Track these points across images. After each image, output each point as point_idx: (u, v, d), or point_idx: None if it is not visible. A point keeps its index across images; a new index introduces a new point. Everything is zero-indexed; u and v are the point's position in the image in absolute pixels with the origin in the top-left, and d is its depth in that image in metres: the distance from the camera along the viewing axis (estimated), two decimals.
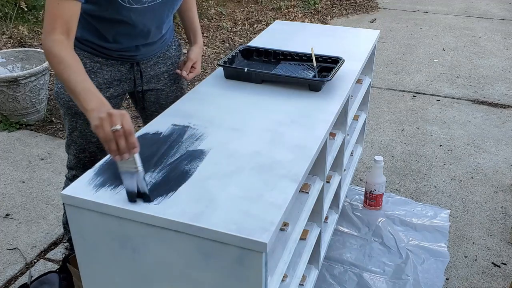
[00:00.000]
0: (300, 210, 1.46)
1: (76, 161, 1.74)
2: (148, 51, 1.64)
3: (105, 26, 1.49)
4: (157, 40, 1.64)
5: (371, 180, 2.38)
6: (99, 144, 1.70)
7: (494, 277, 2.06)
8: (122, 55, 1.59)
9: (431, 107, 3.56)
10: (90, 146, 1.70)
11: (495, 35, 5.10)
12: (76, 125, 1.65)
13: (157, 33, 1.60)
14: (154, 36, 1.60)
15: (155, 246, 1.12)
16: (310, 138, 1.39)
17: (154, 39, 1.62)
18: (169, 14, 1.58)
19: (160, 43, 1.67)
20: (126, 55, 1.59)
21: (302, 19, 5.63)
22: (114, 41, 1.54)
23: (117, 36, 1.52)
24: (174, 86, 1.79)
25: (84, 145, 1.70)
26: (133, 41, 1.56)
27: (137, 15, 1.46)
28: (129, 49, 1.58)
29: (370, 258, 2.14)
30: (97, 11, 1.43)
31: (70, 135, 1.69)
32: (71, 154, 1.75)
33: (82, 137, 1.68)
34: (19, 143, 3.04)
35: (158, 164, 1.25)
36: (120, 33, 1.52)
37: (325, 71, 1.81)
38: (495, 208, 2.48)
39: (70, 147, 1.73)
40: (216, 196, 1.13)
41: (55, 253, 2.17)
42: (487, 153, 2.96)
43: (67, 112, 1.64)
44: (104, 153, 1.75)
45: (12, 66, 3.38)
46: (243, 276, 1.07)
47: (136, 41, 1.56)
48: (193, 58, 1.71)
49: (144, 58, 1.65)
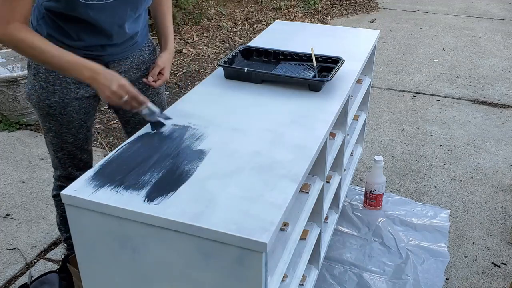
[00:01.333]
0: (300, 210, 1.46)
1: (56, 161, 1.72)
2: (116, 51, 1.58)
3: (67, 23, 1.46)
4: (125, 42, 1.59)
5: (371, 180, 2.38)
6: (76, 144, 1.68)
7: (494, 277, 2.06)
8: (88, 54, 1.52)
9: (431, 107, 3.56)
10: (67, 146, 1.67)
11: (495, 35, 5.10)
12: (50, 125, 1.62)
13: (121, 33, 1.55)
14: (119, 37, 1.55)
15: (155, 246, 1.12)
16: (310, 138, 1.39)
17: (119, 40, 1.56)
18: (132, 14, 1.52)
19: (130, 45, 1.62)
20: (92, 54, 1.53)
21: (302, 19, 5.63)
22: (78, 38, 1.50)
23: (80, 34, 1.49)
24: (150, 91, 1.74)
25: (60, 145, 1.67)
26: (96, 40, 1.52)
27: (95, 12, 1.42)
28: (94, 48, 1.53)
29: (370, 258, 2.14)
30: (55, 7, 1.41)
31: (46, 135, 1.67)
32: (51, 154, 1.73)
33: (58, 137, 1.65)
34: (19, 143, 3.04)
35: (158, 164, 1.25)
36: (82, 30, 1.48)
37: (325, 71, 1.81)
38: (495, 208, 2.48)
39: (48, 147, 1.71)
40: (216, 196, 1.13)
41: (55, 253, 2.17)
42: (487, 153, 2.96)
43: (39, 113, 1.62)
44: (84, 152, 1.73)
45: (12, 66, 3.38)
46: (243, 276, 1.07)
47: (99, 40, 1.52)
48: (161, 64, 1.64)
49: (112, 59, 1.59)
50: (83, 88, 1.60)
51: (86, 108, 1.64)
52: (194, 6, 5.78)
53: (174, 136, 1.39)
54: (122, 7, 1.47)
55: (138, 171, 1.23)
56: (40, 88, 1.56)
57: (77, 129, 1.65)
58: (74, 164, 1.72)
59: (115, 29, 1.52)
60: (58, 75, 1.54)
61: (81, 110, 1.62)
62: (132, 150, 1.32)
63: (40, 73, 1.54)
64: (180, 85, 3.89)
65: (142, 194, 1.14)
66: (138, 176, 1.21)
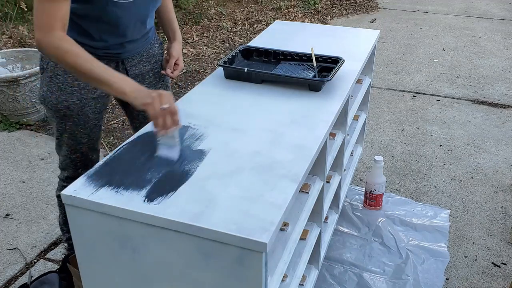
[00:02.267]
0: (300, 210, 1.46)
1: (67, 162, 1.73)
2: (133, 48, 1.63)
3: (91, 24, 1.48)
4: (141, 37, 1.65)
5: (371, 180, 2.38)
6: (89, 144, 1.70)
7: (494, 277, 2.06)
8: (108, 53, 1.57)
9: (431, 107, 3.56)
10: (81, 147, 1.69)
11: (495, 35, 5.10)
12: (65, 127, 1.64)
13: (142, 29, 1.61)
14: (139, 32, 1.61)
15: (155, 246, 1.12)
16: (310, 138, 1.39)
17: (138, 36, 1.62)
18: (153, 9, 1.59)
19: (144, 40, 1.67)
20: (112, 53, 1.58)
21: (302, 19, 5.63)
22: (100, 39, 1.53)
23: (102, 34, 1.52)
24: (160, 84, 1.79)
25: (75, 146, 1.68)
26: (118, 38, 1.55)
27: (122, 10, 1.46)
28: (114, 46, 1.57)
29: (370, 258, 2.14)
30: (82, 9, 1.43)
31: (60, 137, 1.68)
32: (62, 155, 1.73)
33: (73, 139, 1.67)
34: (19, 143, 3.04)
35: (158, 164, 1.25)
36: (106, 30, 1.51)
37: (325, 71, 1.81)
38: (495, 208, 2.48)
39: (61, 148, 1.71)
40: (216, 196, 1.13)
41: (55, 253, 2.17)
42: (487, 153, 2.96)
43: (55, 115, 1.63)
44: (94, 152, 1.75)
45: (12, 66, 3.38)
46: (243, 276, 1.07)
47: (121, 38, 1.56)
48: (175, 55, 1.71)
49: (128, 56, 1.64)
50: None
51: (101, 107, 1.67)
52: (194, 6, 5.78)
53: (174, 136, 1.38)
54: (147, 2, 1.53)
55: (138, 171, 1.23)
56: (58, 90, 1.57)
57: (91, 128, 1.68)
58: (84, 165, 1.74)
59: (138, 25, 1.58)
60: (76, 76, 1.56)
61: (96, 109, 1.65)
62: (132, 150, 1.32)
63: (58, 75, 1.56)
64: (180, 85, 3.90)
65: (142, 194, 1.14)
66: (138, 176, 1.21)
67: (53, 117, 1.65)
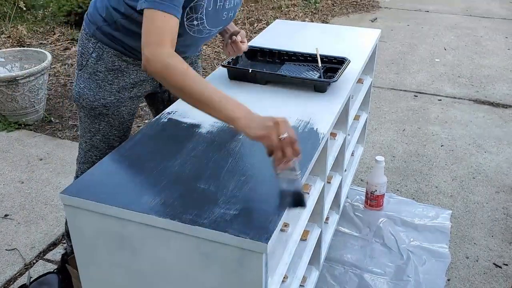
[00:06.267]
0: (301, 211, 1.45)
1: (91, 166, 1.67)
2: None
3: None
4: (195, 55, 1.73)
5: (372, 180, 2.37)
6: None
7: (496, 278, 2.05)
8: None
9: (432, 107, 3.55)
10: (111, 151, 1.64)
11: (497, 35, 5.09)
12: (100, 127, 1.59)
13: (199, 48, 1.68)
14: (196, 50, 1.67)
15: (155, 247, 1.11)
16: (310, 138, 1.38)
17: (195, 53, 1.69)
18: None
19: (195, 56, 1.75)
20: None
21: (303, 18, 5.62)
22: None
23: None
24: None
25: (105, 150, 1.62)
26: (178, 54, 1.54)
27: (192, 40, 1.49)
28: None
29: (371, 259, 2.13)
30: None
31: (91, 139, 1.61)
32: (89, 157, 1.65)
33: (105, 141, 1.61)
34: (18, 143, 3.03)
35: (158, 164, 1.24)
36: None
37: (330, 72, 1.79)
38: (497, 208, 2.47)
39: (89, 152, 1.64)
40: (216, 196, 1.12)
41: (54, 253, 2.16)
42: (489, 153, 2.95)
43: (89, 114, 1.57)
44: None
45: (11, 66, 3.37)
46: (243, 277, 1.06)
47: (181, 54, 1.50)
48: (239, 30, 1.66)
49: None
50: (136, 87, 1.61)
51: (135, 108, 1.66)
52: None
53: (174, 136, 1.37)
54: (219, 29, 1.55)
55: (138, 171, 1.22)
56: (97, 86, 1.54)
57: (124, 131, 1.65)
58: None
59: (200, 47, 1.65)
60: (118, 75, 1.54)
61: (131, 110, 1.64)
62: (132, 150, 1.31)
63: (99, 72, 1.53)
64: None
65: (141, 194, 1.13)
66: (138, 176, 1.20)
67: (86, 117, 1.60)
